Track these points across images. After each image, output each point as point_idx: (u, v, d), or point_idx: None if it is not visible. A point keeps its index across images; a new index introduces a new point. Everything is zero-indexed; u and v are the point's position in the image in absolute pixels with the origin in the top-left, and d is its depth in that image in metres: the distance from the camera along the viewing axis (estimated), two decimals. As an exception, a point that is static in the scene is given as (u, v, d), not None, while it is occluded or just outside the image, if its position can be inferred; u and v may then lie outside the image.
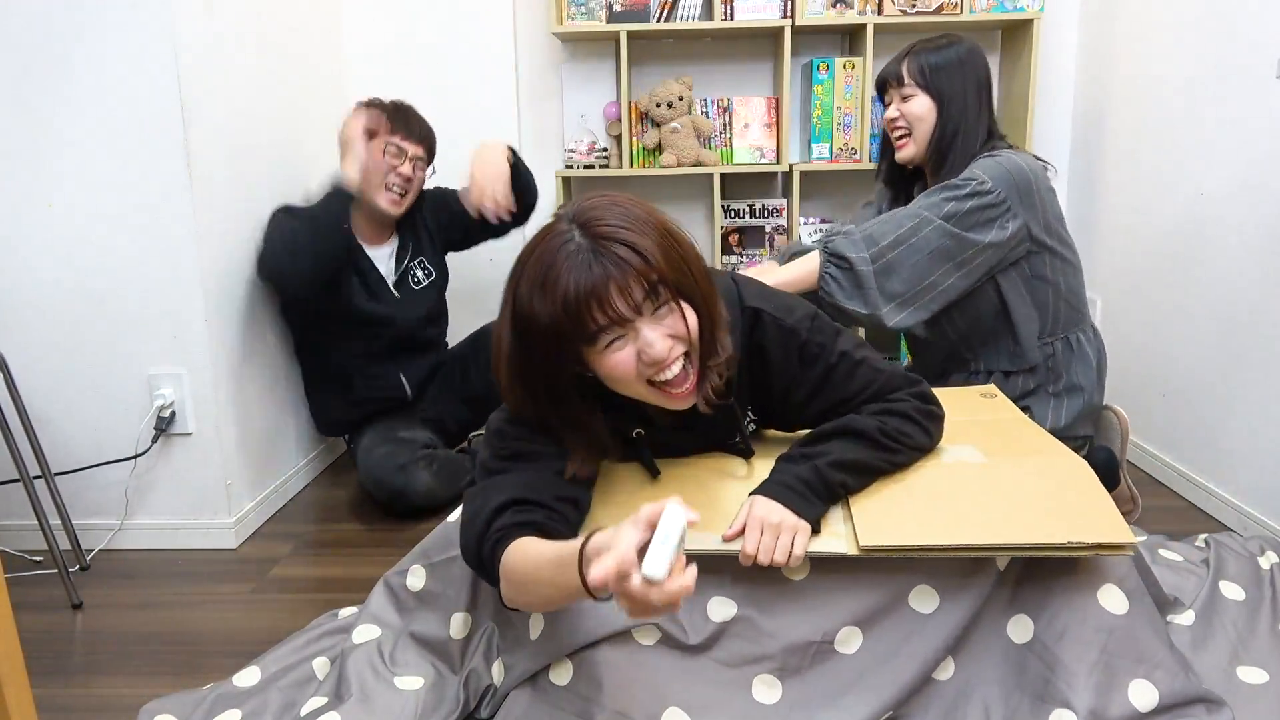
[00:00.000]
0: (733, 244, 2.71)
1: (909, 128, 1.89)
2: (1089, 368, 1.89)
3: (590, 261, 1.07)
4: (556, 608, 1.21)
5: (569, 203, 1.15)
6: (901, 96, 1.89)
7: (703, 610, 1.22)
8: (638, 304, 1.09)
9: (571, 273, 1.06)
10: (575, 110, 2.77)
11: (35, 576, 1.90)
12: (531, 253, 1.12)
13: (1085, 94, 2.64)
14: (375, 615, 1.46)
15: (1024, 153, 1.87)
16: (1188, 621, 1.47)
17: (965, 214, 1.73)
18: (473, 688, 1.33)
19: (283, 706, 1.37)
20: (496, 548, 1.11)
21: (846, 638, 1.21)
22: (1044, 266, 1.83)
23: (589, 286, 1.06)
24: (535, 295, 1.09)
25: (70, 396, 1.99)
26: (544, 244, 1.10)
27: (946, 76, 1.84)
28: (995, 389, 1.66)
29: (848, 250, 1.75)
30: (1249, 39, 1.91)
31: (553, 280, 1.07)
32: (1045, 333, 1.87)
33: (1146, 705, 1.17)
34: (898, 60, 1.90)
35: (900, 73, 1.88)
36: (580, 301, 1.06)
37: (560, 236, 1.09)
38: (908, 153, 1.91)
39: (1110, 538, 1.17)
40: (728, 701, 1.20)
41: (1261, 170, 1.87)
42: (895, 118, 1.90)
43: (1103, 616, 1.20)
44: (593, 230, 1.08)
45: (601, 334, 1.10)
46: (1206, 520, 2.03)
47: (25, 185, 1.90)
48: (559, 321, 1.08)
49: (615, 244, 1.07)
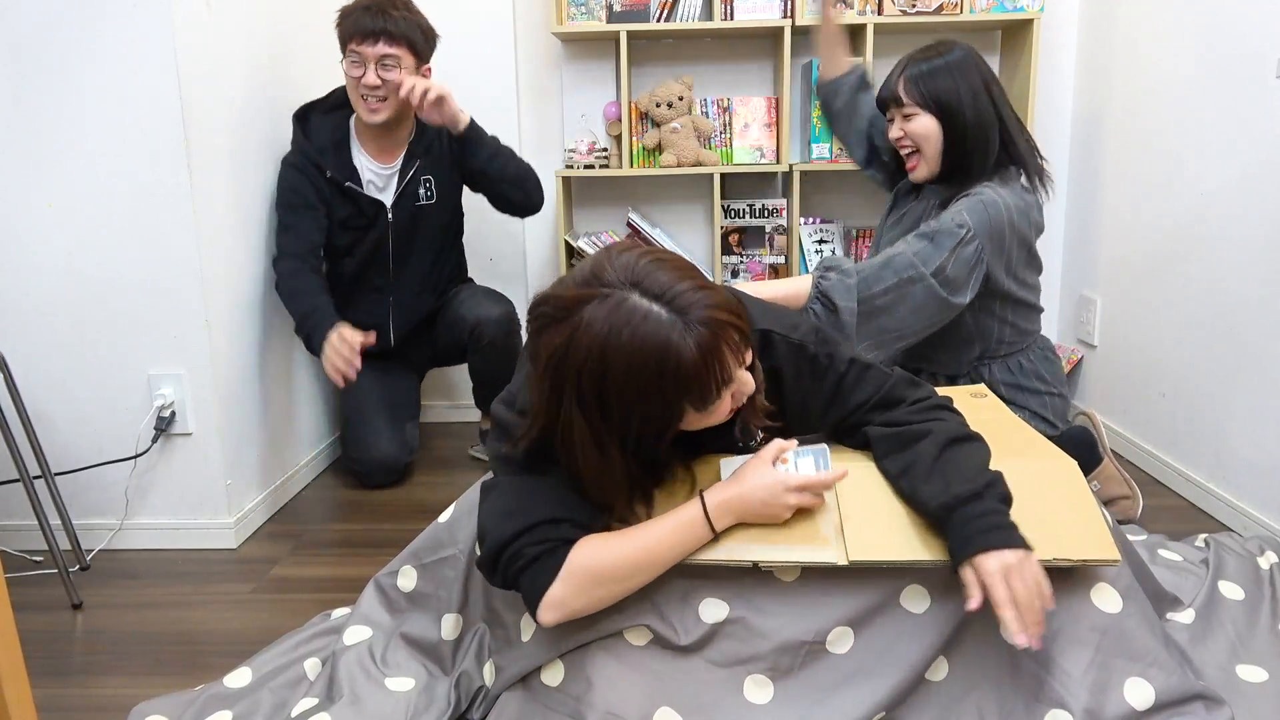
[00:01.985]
0: (733, 244, 2.71)
1: (915, 146, 1.87)
2: (1025, 388, 1.94)
3: (697, 334, 1.04)
4: (636, 588, 1.20)
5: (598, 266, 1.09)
6: (904, 116, 1.86)
7: (694, 612, 1.22)
8: (742, 357, 1.11)
9: (683, 350, 1.04)
10: (575, 110, 2.77)
11: (35, 576, 1.90)
12: (612, 336, 1.04)
13: (1085, 94, 2.64)
14: (366, 616, 1.46)
15: (1014, 185, 1.83)
16: (1187, 620, 1.47)
17: (952, 270, 1.73)
18: (464, 689, 1.34)
19: (274, 707, 1.37)
20: (556, 552, 1.15)
21: (838, 638, 1.21)
22: (991, 303, 1.86)
23: (708, 357, 1.05)
24: (643, 378, 1.05)
25: (70, 396, 1.99)
26: (627, 324, 1.04)
27: (943, 87, 1.81)
28: (985, 389, 1.67)
29: (838, 297, 1.72)
30: (1249, 39, 1.91)
31: (667, 361, 1.04)
32: (984, 356, 1.94)
33: (1143, 703, 1.17)
34: (891, 79, 1.87)
35: (898, 93, 1.85)
36: (705, 371, 1.05)
37: (639, 312, 1.04)
38: (921, 173, 1.90)
39: (1095, 555, 1.19)
40: (719, 702, 1.20)
41: (1261, 170, 1.87)
42: (900, 137, 1.88)
43: (1096, 616, 1.20)
44: (676, 304, 1.05)
45: (721, 392, 1.10)
46: (1206, 520, 2.03)
47: (25, 185, 1.90)
48: (683, 396, 1.07)
49: (712, 309, 1.06)
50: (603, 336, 1.04)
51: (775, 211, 2.71)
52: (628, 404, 1.07)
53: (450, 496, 1.48)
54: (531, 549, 1.15)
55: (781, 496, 1.18)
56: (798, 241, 2.69)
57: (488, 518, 1.20)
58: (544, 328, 1.09)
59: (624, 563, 1.16)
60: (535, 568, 1.15)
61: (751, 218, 2.71)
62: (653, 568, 1.18)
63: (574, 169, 2.67)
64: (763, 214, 2.71)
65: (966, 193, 1.81)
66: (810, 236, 2.72)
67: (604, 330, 1.04)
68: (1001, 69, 2.71)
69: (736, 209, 2.71)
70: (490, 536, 1.18)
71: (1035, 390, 1.94)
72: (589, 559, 1.15)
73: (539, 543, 1.15)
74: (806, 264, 2.72)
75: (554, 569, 1.15)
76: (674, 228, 2.83)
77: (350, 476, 2.43)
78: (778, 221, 2.71)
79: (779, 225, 2.71)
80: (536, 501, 1.17)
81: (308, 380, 2.49)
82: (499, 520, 1.17)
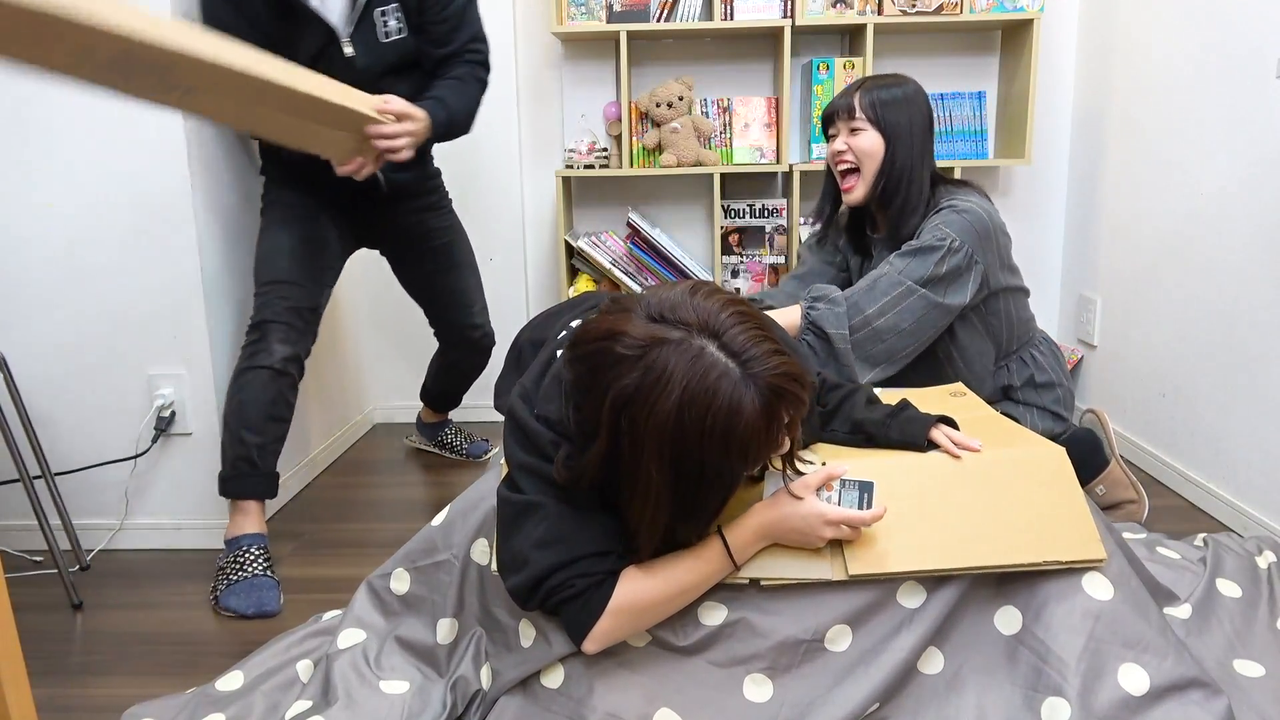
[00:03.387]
0: (733, 244, 2.71)
1: (856, 163, 1.86)
2: (1039, 384, 1.95)
3: (766, 399, 1.04)
4: (674, 611, 1.22)
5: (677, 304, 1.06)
6: (850, 129, 1.86)
7: (694, 616, 1.23)
8: (796, 426, 1.13)
9: (750, 414, 1.03)
10: (575, 110, 2.77)
11: (35, 576, 1.90)
12: (688, 391, 1.02)
13: (1085, 94, 2.64)
14: (359, 619, 1.46)
15: (972, 191, 1.86)
16: (1184, 615, 1.48)
17: (943, 278, 1.74)
18: (460, 693, 1.33)
19: (267, 709, 1.37)
20: (603, 585, 1.17)
21: (836, 636, 1.22)
22: (996, 302, 1.87)
23: (772, 423, 1.05)
24: (712, 438, 1.03)
25: (70, 396, 1.99)
26: (703, 378, 1.02)
27: (895, 114, 1.82)
28: (964, 387, 1.68)
29: (828, 325, 1.75)
30: (1249, 39, 1.91)
31: (735, 422, 1.03)
32: (1000, 358, 1.94)
33: (1138, 689, 1.17)
34: (848, 93, 1.87)
35: (852, 105, 1.85)
36: (765, 436, 1.06)
37: (718, 369, 1.02)
38: (857, 194, 1.88)
39: (1082, 556, 1.23)
40: (719, 701, 1.21)
41: (1261, 170, 1.87)
42: (843, 150, 1.87)
43: (1089, 603, 1.21)
44: (750, 367, 1.03)
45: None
46: (1206, 520, 2.03)
47: (25, 185, 1.90)
48: (743, 458, 1.07)
49: (782, 379, 1.05)
50: (676, 386, 1.01)
51: (775, 211, 2.71)
52: (692, 468, 1.06)
53: (449, 496, 1.48)
54: (580, 581, 1.16)
55: (818, 528, 1.19)
56: (798, 242, 2.69)
57: (525, 544, 1.17)
58: (609, 363, 1.05)
59: (664, 599, 1.19)
60: (582, 600, 1.16)
61: (751, 218, 2.71)
62: (685, 600, 1.21)
63: (574, 169, 2.67)
64: (763, 214, 2.71)
65: (925, 220, 1.82)
66: (810, 236, 2.72)
67: (677, 379, 1.01)
68: (1001, 69, 2.71)
69: (736, 209, 2.71)
70: (532, 565, 1.16)
71: (1049, 384, 1.95)
72: (636, 595, 1.17)
73: (585, 575, 1.16)
74: (806, 264, 2.71)
75: (601, 603, 1.16)
76: (674, 228, 2.83)
77: (351, 477, 2.43)
78: (778, 221, 2.71)
79: (779, 225, 2.71)
80: (580, 532, 1.16)
81: (307, 380, 2.49)
82: (539, 549, 1.16)
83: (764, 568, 1.22)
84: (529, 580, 1.16)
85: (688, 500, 1.10)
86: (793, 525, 1.19)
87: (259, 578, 1.79)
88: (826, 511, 1.18)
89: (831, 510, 1.18)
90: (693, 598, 1.21)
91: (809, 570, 1.22)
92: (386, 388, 2.94)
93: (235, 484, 1.88)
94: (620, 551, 1.18)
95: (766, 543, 1.22)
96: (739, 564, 1.21)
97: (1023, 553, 1.22)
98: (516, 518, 1.19)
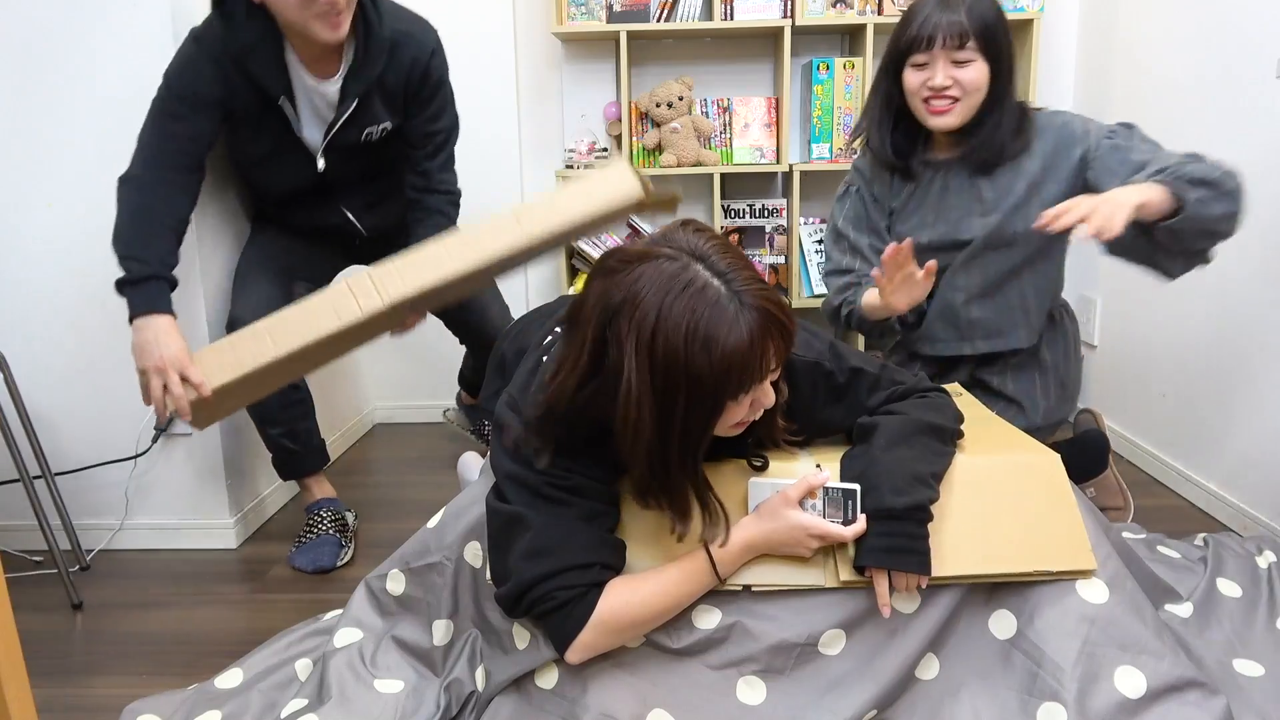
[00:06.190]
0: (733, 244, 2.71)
1: (958, 96, 1.60)
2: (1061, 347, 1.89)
3: (751, 316, 1.05)
4: (658, 624, 1.22)
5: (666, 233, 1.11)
6: (955, 61, 1.58)
7: (688, 619, 1.23)
8: (782, 356, 1.12)
9: (736, 327, 1.04)
10: (575, 110, 2.77)
11: (35, 576, 1.90)
12: (671, 295, 1.04)
13: (1085, 94, 2.64)
14: (356, 618, 1.46)
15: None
16: (1185, 614, 1.48)
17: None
18: (455, 694, 1.34)
19: (264, 708, 1.38)
20: (586, 597, 1.17)
21: (830, 640, 1.22)
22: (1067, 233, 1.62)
23: (757, 341, 1.05)
24: (693, 347, 1.03)
25: (70, 396, 1.99)
26: (687, 288, 1.04)
27: (1004, 37, 1.58)
28: (960, 388, 1.67)
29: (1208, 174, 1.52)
30: (1249, 39, 1.91)
31: (717, 333, 1.03)
32: (1054, 304, 1.88)
33: (1135, 691, 1.17)
34: (952, 9, 1.56)
35: (965, 30, 1.55)
36: (751, 355, 1.05)
37: (700, 280, 1.04)
38: (950, 120, 1.62)
39: (1072, 566, 1.22)
40: (712, 703, 1.21)
41: (1262, 170, 1.87)
42: (947, 86, 1.59)
43: (1083, 607, 1.21)
44: (734, 286, 1.05)
45: (758, 385, 1.10)
46: (1206, 520, 2.03)
47: (25, 185, 1.91)
48: (726, 376, 1.05)
49: (766, 301, 1.07)
50: (662, 292, 1.04)
51: (775, 211, 2.71)
52: (676, 376, 1.05)
53: (448, 497, 1.48)
54: (562, 593, 1.16)
55: (804, 541, 1.20)
56: (798, 242, 2.69)
57: (511, 555, 1.18)
58: (599, 276, 1.08)
59: (647, 611, 1.19)
60: (565, 612, 1.17)
61: (751, 218, 2.71)
62: (670, 614, 1.22)
63: (574, 169, 2.67)
64: (763, 214, 2.71)
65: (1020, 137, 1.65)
66: (810, 236, 2.72)
67: (665, 287, 1.04)
68: (1002, 69, 2.71)
69: (736, 209, 2.71)
70: (516, 576, 1.17)
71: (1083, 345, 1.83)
72: (618, 608, 1.17)
73: (569, 587, 1.16)
74: (806, 264, 2.71)
75: (584, 615, 1.16)
76: (674, 228, 2.83)
77: (351, 478, 2.43)
78: (778, 221, 2.71)
79: (779, 225, 2.71)
80: (565, 543, 1.17)
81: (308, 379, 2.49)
82: (524, 560, 1.16)
83: (756, 574, 1.23)
84: (513, 591, 1.17)
85: (669, 415, 1.07)
86: (779, 539, 1.20)
87: (324, 536, 1.96)
88: (810, 526, 1.18)
89: (815, 524, 1.18)
90: (676, 612, 1.22)
91: (801, 577, 1.23)
92: (387, 388, 2.94)
93: (284, 469, 2.07)
94: (606, 562, 1.19)
95: (752, 556, 1.22)
96: (724, 579, 1.21)
97: (1013, 562, 1.22)
98: (503, 528, 1.21)
